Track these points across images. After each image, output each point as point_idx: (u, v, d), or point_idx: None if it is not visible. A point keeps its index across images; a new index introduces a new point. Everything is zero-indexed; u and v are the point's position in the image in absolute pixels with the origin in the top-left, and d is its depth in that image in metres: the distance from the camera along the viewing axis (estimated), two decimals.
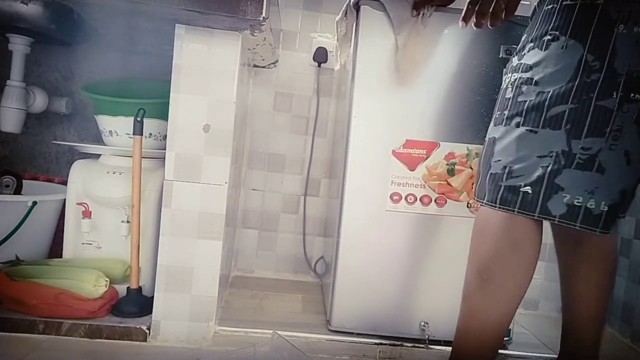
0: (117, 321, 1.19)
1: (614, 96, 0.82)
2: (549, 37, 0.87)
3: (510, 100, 0.91)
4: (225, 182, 1.18)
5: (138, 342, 1.17)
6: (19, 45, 1.36)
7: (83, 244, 1.33)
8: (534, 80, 0.87)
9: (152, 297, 1.19)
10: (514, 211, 0.88)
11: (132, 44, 1.53)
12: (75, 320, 1.16)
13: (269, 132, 1.78)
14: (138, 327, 1.17)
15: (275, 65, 1.75)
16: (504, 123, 0.91)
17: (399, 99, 1.23)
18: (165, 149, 1.17)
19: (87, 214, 1.30)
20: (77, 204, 1.31)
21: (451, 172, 1.23)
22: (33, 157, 1.67)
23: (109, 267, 1.28)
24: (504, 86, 0.94)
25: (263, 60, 1.62)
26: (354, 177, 1.25)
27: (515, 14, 0.94)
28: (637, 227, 1.53)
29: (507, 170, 0.89)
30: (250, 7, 1.04)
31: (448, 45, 1.23)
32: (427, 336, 1.22)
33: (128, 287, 1.24)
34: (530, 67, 0.89)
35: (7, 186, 1.42)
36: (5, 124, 1.38)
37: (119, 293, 1.26)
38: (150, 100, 1.31)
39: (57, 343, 1.12)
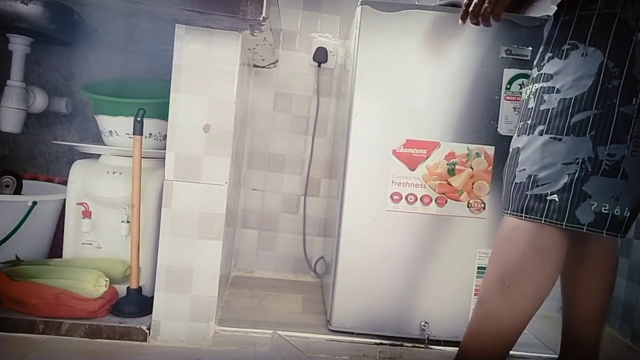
0: (117, 321, 1.19)
1: (634, 102, 0.83)
2: (568, 46, 0.88)
3: (533, 110, 0.91)
4: (225, 182, 1.18)
5: (138, 342, 1.17)
6: (19, 45, 1.36)
7: (83, 244, 1.33)
8: (555, 89, 0.88)
9: (152, 297, 1.18)
10: (541, 220, 0.88)
11: (132, 44, 1.53)
12: (75, 320, 1.16)
13: (269, 132, 1.78)
14: (138, 327, 1.17)
15: (275, 65, 1.75)
16: (527, 132, 0.91)
17: (399, 98, 1.23)
18: (165, 149, 1.17)
19: (87, 214, 1.30)
20: (77, 204, 1.32)
21: (451, 172, 1.23)
22: (33, 157, 1.67)
23: (109, 267, 1.28)
24: (525, 97, 0.95)
25: (263, 60, 1.62)
26: (354, 177, 1.24)
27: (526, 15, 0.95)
28: (637, 227, 1.53)
29: (532, 179, 0.89)
30: (250, 7, 1.04)
31: (449, 45, 1.23)
32: (427, 336, 1.22)
33: (128, 287, 1.24)
34: (551, 76, 0.89)
35: (7, 186, 1.42)
36: (5, 124, 1.38)
37: (119, 293, 1.26)
38: (150, 100, 1.31)
39: (57, 343, 1.12)
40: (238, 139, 1.37)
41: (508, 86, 1.23)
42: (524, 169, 0.91)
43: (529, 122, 0.91)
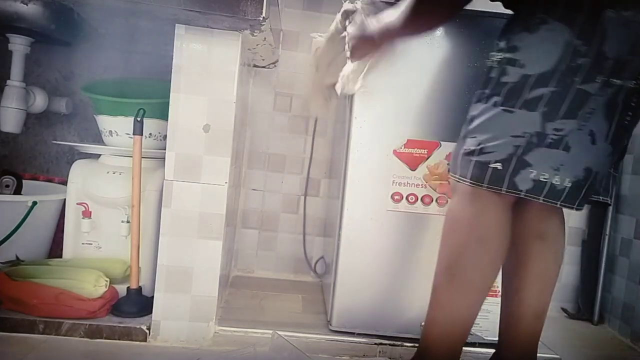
0: (117, 321, 1.19)
1: (597, 80, 0.84)
2: (537, 19, 0.87)
3: (493, 80, 0.92)
4: (225, 182, 1.18)
5: (138, 342, 1.17)
6: (19, 45, 1.36)
7: (83, 244, 1.33)
8: (519, 62, 0.88)
9: (152, 297, 1.18)
10: (482, 186, 0.90)
11: (132, 44, 1.53)
12: (75, 320, 1.16)
13: (269, 132, 1.78)
14: (138, 327, 1.17)
15: (275, 65, 1.75)
16: (483, 101, 0.93)
17: (400, 98, 1.23)
18: (165, 149, 1.17)
19: (87, 214, 1.30)
20: (77, 204, 1.31)
21: None
22: (33, 157, 1.67)
23: (109, 267, 1.28)
24: (489, 64, 0.95)
25: (263, 60, 1.62)
26: (354, 177, 1.24)
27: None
28: (637, 227, 1.53)
29: (480, 147, 0.91)
30: (250, 7, 1.04)
31: (448, 46, 1.23)
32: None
33: (128, 287, 1.24)
34: (516, 48, 0.89)
35: (7, 186, 1.42)
36: (5, 124, 1.38)
37: (119, 293, 1.26)
38: (150, 100, 1.31)
39: (57, 343, 1.12)
40: (238, 139, 1.37)
41: None
42: (475, 137, 0.92)
43: (487, 91, 0.92)
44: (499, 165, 0.89)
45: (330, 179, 1.72)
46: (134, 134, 1.21)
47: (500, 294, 1.11)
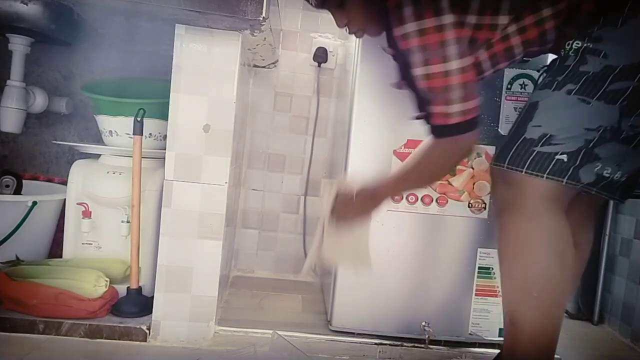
0: (117, 321, 1.19)
1: None
2: (626, 15, 0.85)
3: (569, 68, 0.87)
4: (225, 182, 1.18)
5: (138, 342, 1.17)
6: (19, 45, 1.36)
7: (83, 244, 1.33)
8: (603, 53, 0.84)
9: (152, 297, 1.18)
10: (542, 176, 0.86)
11: (132, 44, 1.53)
12: (75, 320, 1.16)
13: (269, 132, 1.78)
14: (138, 327, 1.17)
15: (275, 65, 1.75)
16: (553, 88, 0.88)
17: (400, 98, 1.23)
18: (165, 149, 1.17)
19: (87, 214, 1.30)
20: (77, 204, 1.31)
21: (452, 172, 1.23)
22: (33, 157, 1.67)
23: (109, 267, 1.28)
24: (564, 54, 0.90)
25: (263, 60, 1.62)
26: (354, 177, 1.24)
27: None
28: (637, 227, 1.53)
29: (546, 137, 0.86)
30: (250, 7, 1.04)
31: None
32: (427, 336, 1.22)
33: (128, 287, 1.24)
34: (600, 39, 0.85)
35: (7, 186, 1.42)
36: (5, 124, 1.38)
37: (119, 293, 1.25)
38: (150, 100, 1.31)
39: (57, 343, 1.12)
40: (238, 139, 1.37)
41: (509, 86, 1.23)
42: (540, 126, 0.88)
43: (559, 78, 0.88)
44: (565, 157, 0.85)
45: (330, 179, 1.72)
46: (134, 134, 1.21)
47: (500, 294, 1.10)
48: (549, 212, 0.88)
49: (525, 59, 1.05)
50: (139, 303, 1.23)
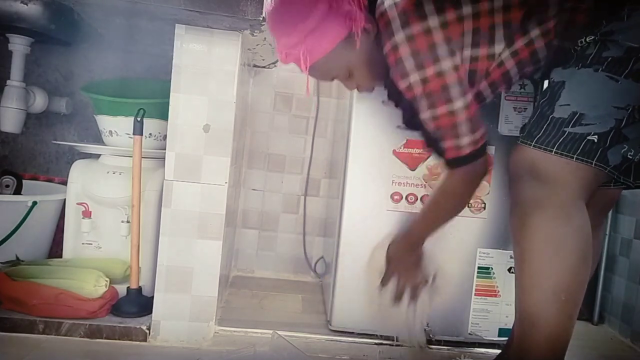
0: (117, 321, 1.18)
1: None
2: (629, 9, 0.84)
3: (592, 55, 0.86)
4: (225, 182, 1.18)
5: (138, 342, 1.17)
6: (19, 45, 1.36)
7: (83, 244, 1.33)
8: (622, 37, 0.83)
9: (152, 297, 1.18)
10: (572, 157, 0.84)
11: (132, 44, 1.53)
12: (75, 320, 1.16)
13: (269, 132, 1.78)
14: (138, 327, 1.17)
15: (275, 65, 1.75)
16: (579, 66, 0.86)
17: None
18: (165, 149, 1.17)
19: (87, 214, 1.30)
20: (77, 204, 1.31)
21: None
22: (33, 157, 1.67)
23: (109, 267, 1.28)
24: (579, 46, 0.89)
25: (263, 60, 1.62)
26: (354, 177, 1.24)
27: None
28: (637, 227, 1.53)
29: (577, 116, 0.85)
30: (250, 7, 1.04)
31: None
32: (427, 336, 1.22)
33: (128, 287, 1.24)
34: (612, 32, 0.84)
35: (7, 186, 1.42)
36: (5, 124, 1.38)
37: (119, 293, 1.25)
38: (150, 100, 1.31)
39: (57, 343, 1.12)
40: (238, 139, 1.37)
41: None
42: (568, 104, 0.86)
43: (581, 63, 0.87)
44: (595, 138, 0.84)
45: (330, 179, 1.72)
46: (134, 134, 1.21)
47: (500, 294, 1.11)
48: (581, 212, 0.88)
49: (520, 81, 1.12)
50: (139, 303, 1.23)
